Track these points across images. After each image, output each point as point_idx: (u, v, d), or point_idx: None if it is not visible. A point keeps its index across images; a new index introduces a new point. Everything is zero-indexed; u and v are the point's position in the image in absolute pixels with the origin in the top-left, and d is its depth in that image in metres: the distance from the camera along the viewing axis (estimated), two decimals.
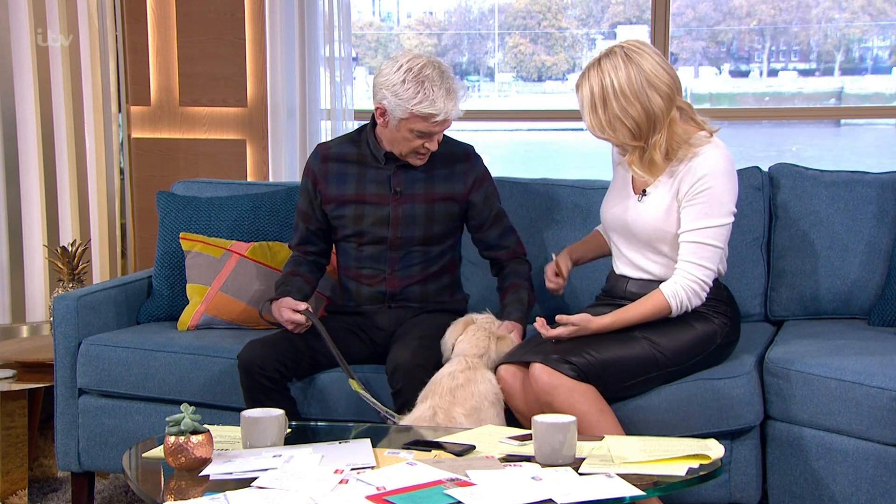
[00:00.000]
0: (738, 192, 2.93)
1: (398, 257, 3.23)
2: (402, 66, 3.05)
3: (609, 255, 3.15)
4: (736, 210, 2.92)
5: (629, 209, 2.96)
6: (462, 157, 3.25)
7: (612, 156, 3.13)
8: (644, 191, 2.94)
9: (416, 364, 2.95)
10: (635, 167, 2.88)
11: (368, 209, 3.22)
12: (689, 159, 2.85)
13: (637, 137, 2.84)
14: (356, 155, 3.26)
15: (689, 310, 2.89)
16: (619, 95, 2.80)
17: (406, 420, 2.82)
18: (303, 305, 3.11)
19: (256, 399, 3.03)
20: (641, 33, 4.92)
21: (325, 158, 3.29)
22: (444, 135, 3.24)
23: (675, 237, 2.90)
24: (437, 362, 2.96)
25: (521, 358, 2.87)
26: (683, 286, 2.86)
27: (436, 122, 3.06)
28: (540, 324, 2.90)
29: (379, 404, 2.96)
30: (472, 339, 2.93)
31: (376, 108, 3.12)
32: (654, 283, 2.92)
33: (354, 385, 2.99)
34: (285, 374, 3.08)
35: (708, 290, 2.89)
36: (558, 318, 2.87)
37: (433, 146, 3.12)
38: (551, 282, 3.16)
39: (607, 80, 2.81)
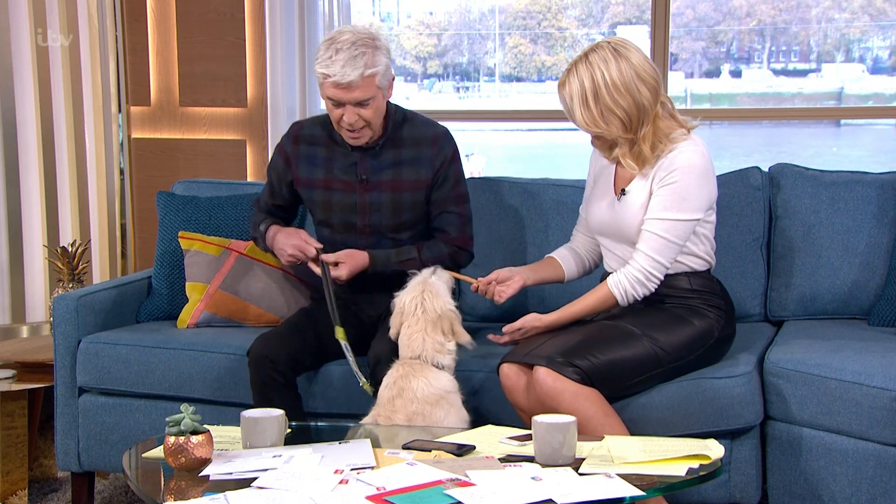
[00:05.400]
0: (713, 191, 2.94)
1: (369, 244, 3.23)
2: (331, 31, 3.11)
3: (562, 281, 3.21)
4: (710, 207, 2.94)
5: (611, 210, 3.00)
6: (430, 142, 3.23)
7: (590, 164, 3.16)
8: (623, 190, 2.96)
9: (396, 355, 2.97)
10: (627, 159, 2.91)
11: (336, 195, 3.24)
12: (666, 154, 2.89)
13: (628, 129, 2.87)
14: (325, 138, 3.27)
15: (637, 299, 2.92)
16: (611, 88, 2.83)
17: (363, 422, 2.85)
18: (317, 246, 3.14)
19: (265, 395, 3.03)
20: (641, 33, 4.91)
21: (297, 139, 3.31)
22: (418, 115, 3.27)
23: None
24: None
25: (523, 358, 2.87)
26: (627, 275, 2.90)
27: (335, 84, 3.03)
28: (494, 337, 3.01)
29: (355, 364, 2.99)
30: (405, 341, 2.90)
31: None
32: None
33: (339, 333, 3.01)
34: (294, 368, 3.08)
35: (656, 281, 2.91)
36: (504, 329, 2.99)
37: (349, 118, 3.08)
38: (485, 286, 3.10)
39: (598, 73, 2.84)
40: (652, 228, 2.88)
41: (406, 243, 3.25)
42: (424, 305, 2.89)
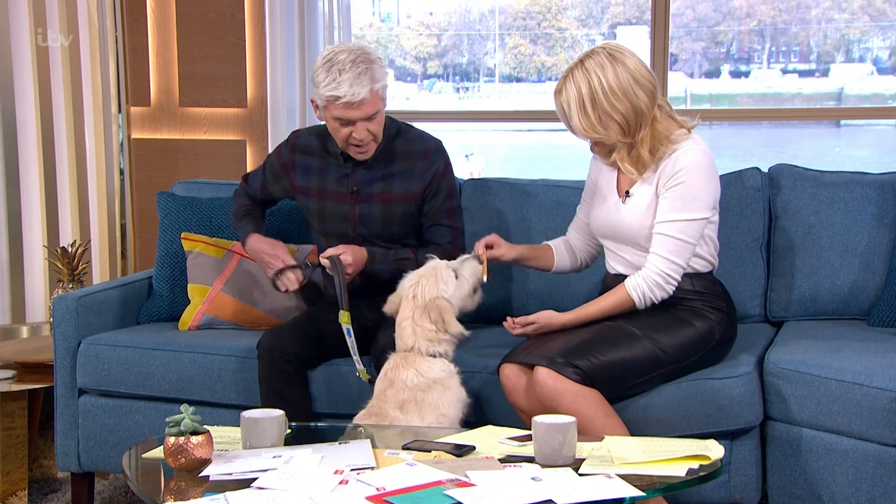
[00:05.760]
0: (718, 189, 2.95)
1: None
2: (322, 54, 3.11)
3: (549, 270, 3.20)
4: (715, 206, 2.94)
5: (615, 212, 2.99)
6: (422, 155, 3.24)
7: (590, 167, 3.15)
8: (627, 192, 2.96)
9: None
10: (626, 164, 2.91)
11: (330, 205, 3.27)
12: (669, 155, 2.89)
13: (626, 134, 2.87)
14: (319, 149, 3.30)
15: (655, 302, 2.91)
16: (609, 93, 2.84)
17: (355, 420, 2.85)
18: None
19: (274, 388, 3.04)
20: (641, 34, 4.92)
21: (293, 148, 3.34)
22: (412, 129, 3.28)
23: None
24: None
25: (524, 359, 2.87)
26: (646, 278, 2.89)
27: (347, 104, 3.05)
28: (509, 324, 2.96)
29: (355, 350, 2.99)
30: (398, 330, 2.92)
31: (311, 102, 3.16)
32: None
33: (344, 317, 3.00)
34: (304, 360, 3.09)
35: (674, 283, 2.90)
36: (518, 320, 2.94)
37: (360, 135, 3.11)
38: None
39: (595, 78, 2.84)
40: (665, 231, 2.87)
41: (400, 250, 3.27)
42: (416, 291, 2.91)
